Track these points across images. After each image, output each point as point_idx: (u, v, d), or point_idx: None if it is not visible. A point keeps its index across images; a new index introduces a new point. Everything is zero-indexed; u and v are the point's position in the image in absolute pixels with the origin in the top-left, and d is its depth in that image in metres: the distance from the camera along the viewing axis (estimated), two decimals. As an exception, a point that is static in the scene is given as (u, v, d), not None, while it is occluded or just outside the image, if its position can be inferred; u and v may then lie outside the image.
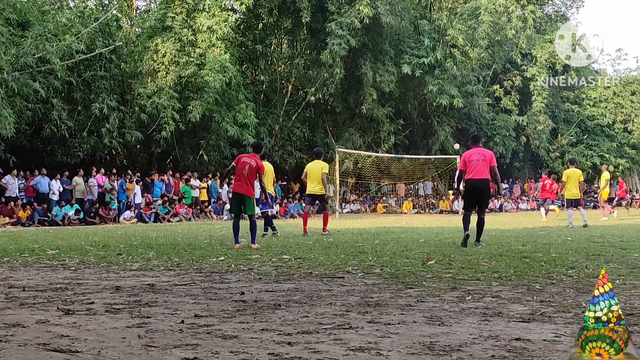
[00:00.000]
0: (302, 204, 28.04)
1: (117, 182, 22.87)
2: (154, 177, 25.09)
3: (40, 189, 21.49)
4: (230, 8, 28.28)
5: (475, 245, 9.90)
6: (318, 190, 13.65)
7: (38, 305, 4.94)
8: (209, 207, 25.73)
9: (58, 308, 4.80)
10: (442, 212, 31.71)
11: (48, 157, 23.80)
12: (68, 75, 22.52)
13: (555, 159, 39.75)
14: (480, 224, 10.22)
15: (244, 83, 28.70)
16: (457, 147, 29.72)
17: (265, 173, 11.33)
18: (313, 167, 13.81)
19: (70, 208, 21.56)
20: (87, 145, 23.52)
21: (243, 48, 30.73)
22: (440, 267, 7.26)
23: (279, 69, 32.58)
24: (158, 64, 25.65)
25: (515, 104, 37.31)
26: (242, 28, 30.62)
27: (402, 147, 33.63)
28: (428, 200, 34.09)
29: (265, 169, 11.51)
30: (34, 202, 21.24)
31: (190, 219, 23.80)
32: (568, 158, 28.12)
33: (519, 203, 36.91)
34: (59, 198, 21.72)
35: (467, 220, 10.25)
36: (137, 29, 30.06)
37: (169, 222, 22.76)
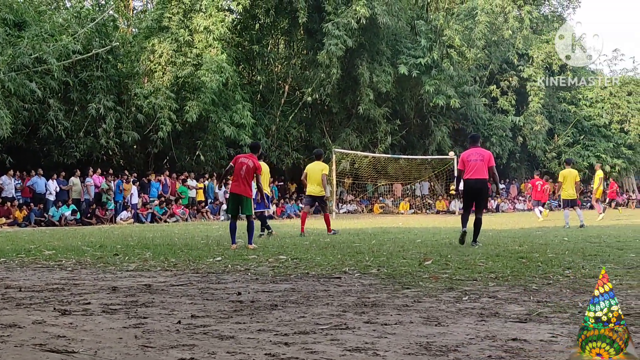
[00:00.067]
0: (299, 204, 28.08)
1: (113, 182, 22.84)
2: (151, 177, 25.10)
3: (37, 190, 21.46)
4: (227, 8, 28.25)
5: (472, 246, 9.90)
6: (318, 192, 13.57)
7: (34, 306, 4.93)
8: (206, 207, 25.73)
9: (54, 308, 4.79)
10: (438, 212, 31.76)
11: (45, 157, 23.77)
12: (65, 76, 22.52)
13: (552, 159, 39.79)
14: (478, 224, 10.24)
15: (241, 83, 28.69)
16: (452, 154, 29.77)
17: (262, 173, 11.32)
18: (313, 168, 13.73)
19: (67, 208, 21.52)
20: (83, 146, 23.51)
21: (240, 48, 30.72)
22: (437, 267, 7.27)
23: (276, 69, 32.57)
24: (155, 65, 25.64)
25: (512, 105, 37.34)
26: (238, 28, 30.63)
27: (398, 147, 33.65)
28: (425, 201, 34.11)
29: (262, 169, 11.50)
30: (31, 202, 21.20)
31: (187, 220, 23.79)
32: (564, 158, 28.14)
33: (516, 203, 36.98)
34: (56, 198, 21.68)
35: (465, 219, 10.30)
36: (133, 29, 30.02)
37: (166, 222, 22.75)
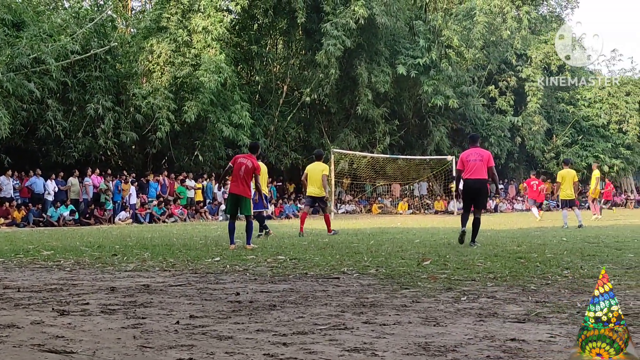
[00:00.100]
0: (297, 205, 28.08)
1: (112, 182, 22.83)
2: (149, 177, 25.08)
3: (35, 190, 21.44)
4: (226, 9, 28.24)
5: (471, 246, 9.91)
6: (318, 193, 13.53)
7: (33, 306, 4.93)
8: (204, 207, 25.71)
9: (53, 309, 4.79)
10: (437, 212, 31.75)
11: (43, 157, 23.74)
12: (63, 76, 22.49)
13: (550, 160, 39.79)
14: (476, 224, 10.24)
15: (239, 83, 28.69)
16: (450, 158, 29.79)
17: (260, 173, 11.32)
18: (313, 168, 13.68)
19: (65, 209, 21.50)
20: (82, 146, 23.49)
21: (238, 48, 30.71)
22: (436, 267, 7.27)
23: (274, 70, 32.57)
24: (153, 65, 25.63)
25: (510, 105, 37.33)
26: (237, 29, 30.61)
27: (397, 147, 33.64)
28: (423, 201, 34.10)
29: (260, 169, 11.50)
30: (29, 202, 21.18)
31: (186, 220, 23.78)
32: (563, 159, 28.14)
33: (514, 203, 36.99)
34: (54, 199, 21.66)
35: (465, 218, 10.31)
36: (132, 30, 30.00)
37: (164, 222, 22.74)
